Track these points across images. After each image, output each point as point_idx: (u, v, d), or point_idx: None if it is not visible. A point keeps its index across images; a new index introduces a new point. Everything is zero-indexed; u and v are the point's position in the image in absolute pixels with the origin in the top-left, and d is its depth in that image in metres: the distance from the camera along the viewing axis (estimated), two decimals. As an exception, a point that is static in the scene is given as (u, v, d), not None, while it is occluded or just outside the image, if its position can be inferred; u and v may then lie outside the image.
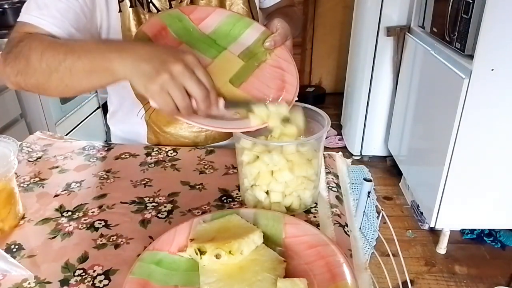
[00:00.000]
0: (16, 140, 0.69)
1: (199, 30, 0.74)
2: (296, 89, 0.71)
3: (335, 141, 2.95)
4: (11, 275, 0.57)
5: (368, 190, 0.85)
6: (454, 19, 1.67)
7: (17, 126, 2.17)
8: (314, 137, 0.66)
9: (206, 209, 0.71)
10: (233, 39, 0.75)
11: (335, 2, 3.36)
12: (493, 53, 1.51)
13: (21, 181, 0.80)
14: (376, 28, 2.32)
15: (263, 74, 0.72)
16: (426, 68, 2.00)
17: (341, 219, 0.70)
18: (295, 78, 0.72)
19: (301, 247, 0.58)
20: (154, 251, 0.57)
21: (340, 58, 3.49)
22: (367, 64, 2.42)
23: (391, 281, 0.71)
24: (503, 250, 1.92)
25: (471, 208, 1.81)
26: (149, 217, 0.69)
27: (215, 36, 0.75)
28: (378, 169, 2.61)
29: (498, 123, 1.62)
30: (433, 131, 1.89)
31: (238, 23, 0.76)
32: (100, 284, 0.56)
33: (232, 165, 0.84)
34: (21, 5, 0.88)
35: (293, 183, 0.66)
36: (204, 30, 0.75)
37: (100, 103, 2.86)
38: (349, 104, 2.79)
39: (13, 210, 0.67)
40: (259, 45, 0.75)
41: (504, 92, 1.57)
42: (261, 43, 0.75)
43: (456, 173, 1.73)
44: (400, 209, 2.23)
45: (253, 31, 0.76)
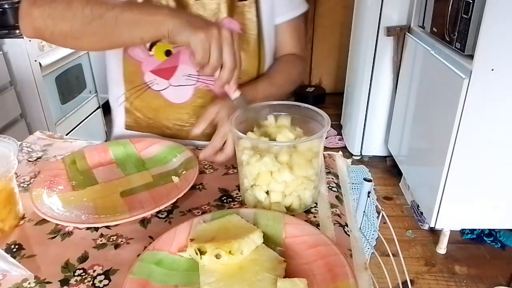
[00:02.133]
0: (16, 140, 0.69)
1: (137, 155, 0.86)
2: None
3: (335, 141, 2.95)
4: (11, 275, 0.57)
5: (368, 190, 0.85)
6: (454, 19, 1.67)
7: (17, 126, 2.17)
8: (314, 137, 0.66)
9: (206, 209, 0.71)
10: (161, 163, 0.83)
11: (335, 2, 3.36)
12: (493, 53, 1.51)
13: (21, 181, 0.80)
14: (376, 28, 2.32)
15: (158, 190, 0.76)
16: (426, 68, 2.00)
17: (341, 219, 0.69)
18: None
19: (301, 247, 0.58)
20: (154, 251, 0.57)
21: (340, 58, 3.49)
22: (367, 64, 2.42)
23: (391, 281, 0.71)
24: (503, 250, 1.92)
25: (471, 208, 1.82)
26: (149, 217, 0.69)
27: (147, 161, 0.84)
28: (378, 169, 2.61)
29: (498, 123, 1.62)
30: (433, 131, 1.89)
31: (172, 151, 0.85)
32: (100, 284, 0.56)
33: (232, 165, 0.84)
34: None
35: (293, 183, 0.66)
36: (144, 156, 0.86)
37: (100, 103, 2.86)
38: (349, 104, 2.79)
39: (13, 210, 0.67)
40: (179, 168, 0.80)
41: (504, 92, 1.57)
42: (182, 166, 0.80)
43: (456, 173, 1.73)
44: (400, 209, 2.23)
45: (181, 157, 0.83)
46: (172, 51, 0.86)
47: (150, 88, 0.90)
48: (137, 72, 0.90)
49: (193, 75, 0.87)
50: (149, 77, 0.89)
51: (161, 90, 0.90)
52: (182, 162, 0.81)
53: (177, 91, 0.89)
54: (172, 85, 0.89)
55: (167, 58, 0.87)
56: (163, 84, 0.89)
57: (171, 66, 0.87)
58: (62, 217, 0.67)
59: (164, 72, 0.88)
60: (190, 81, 0.88)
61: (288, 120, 0.73)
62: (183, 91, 0.89)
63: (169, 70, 0.88)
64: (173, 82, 0.89)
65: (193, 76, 0.87)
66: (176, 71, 0.87)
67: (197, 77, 0.87)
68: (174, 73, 0.88)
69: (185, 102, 0.90)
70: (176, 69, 0.87)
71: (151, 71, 0.88)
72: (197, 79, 0.88)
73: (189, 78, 0.88)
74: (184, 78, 0.88)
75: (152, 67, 0.88)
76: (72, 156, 0.84)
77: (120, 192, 0.75)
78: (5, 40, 2.08)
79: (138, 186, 0.77)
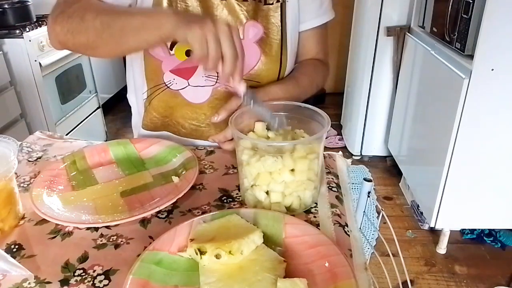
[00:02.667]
0: (16, 140, 0.69)
1: (137, 154, 0.87)
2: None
3: (335, 141, 2.95)
4: (11, 275, 0.57)
5: (368, 190, 0.85)
6: (454, 19, 1.67)
7: (17, 126, 2.17)
8: (314, 137, 0.66)
9: (206, 209, 0.71)
10: (161, 163, 0.83)
11: (335, 2, 3.34)
12: (493, 53, 1.51)
13: (21, 181, 0.80)
14: (376, 28, 2.32)
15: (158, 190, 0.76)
16: (426, 68, 2.00)
17: (341, 219, 0.69)
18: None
19: (301, 247, 0.58)
20: (154, 251, 0.57)
21: (340, 58, 3.49)
22: (367, 64, 2.42)
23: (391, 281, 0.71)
24: (503, 250, 1.92)
25: (471, 208, 1.81)
26: (149, 217, 0.69)
27: (147, 161, 0.85)
28: (378, 169, 2.61)
29: (498, 123, 1.62)
30: (433, 131, 1.89)
31: (172, 151, 0.85)
32: (100, 284, 0.56)
33: (232, 165, 0.84)
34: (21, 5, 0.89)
35: (293, 183, 0.66)
36: (144, 156, 0.86)
37: (100, 103, 2.86)
38: (349, 104, 2.79)
39: (13, 210, 0.67)
40: (179, 168, 0.81)
41: (504, 92, 1.57)
42: (182, 166, 0.80)
43: (456, 173, 1.73)
44: (400, 209, 2.23)
45: (181, 157, 0.83)
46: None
47: (169, 88, 0.91)
48: (158, 71, 0.90)
49: (212, 75, 0.88)
50: (168, 77, 0.90)
51: (179, 90, 0.90)
52: (182, 162, 0.81)
53: (196, 91, 0.90)
54: (191, 85, 0.89)
55: (187, 58, 0.87)
56: (182, 83, 0.89)
57: (191, 66, 0.87)
58: (62, 217, 0.67)
59: (184, 72, 0.88)
60: (209, 82, 0.88)
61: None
62: (201, 91, 0.89)
63: (189, 70, 0.88)
64: (192, 82, 0.89)
65: (212, 76, 0.88)
66: (196, 71, 0.88)
67: (217, 77, 0.88)
68: (193, 73, 0.88)
69: (203, 103, 0.91)
70: (196, 69, 0.88)
71: (171, 70, 0.89)
72: (216, 80, 0.88)
73: (208, 79, 0.88)
74: (203, 79, 0.88)
75: (172, 66, 0.88)
76: (72, 156, 0.84)
77: (120, 192, 0.75)
78: (5, 40, 2.08)
79: (138, 186, 0.77)
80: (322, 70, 1.00)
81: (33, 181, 0.76)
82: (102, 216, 0.68)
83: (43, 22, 2.28)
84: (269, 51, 0.89)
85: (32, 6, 2.28)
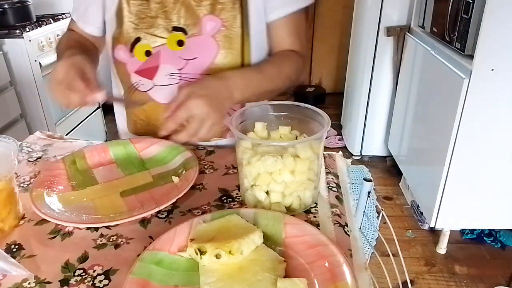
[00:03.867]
0: (16, 140, 0.69)
1: (137, 154, 0.87)
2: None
3: (335, 141, 2.95)
4: (11, 275, 0.57)
5: (368, 190, 0.85)
6: (454, 19, 1.67)
7: (17, 126, 2.17)
8: (314, 137, 0.66)
9: (206, 209, 0.71)
10: (161, 163, 0.83)
11: (335, 2, 3.36)
12: (493, 53, 1.51)
13: (21, 181, 0.80)
14: (376, 28, 2.32)
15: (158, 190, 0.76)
16: (426, 68, 2.00)
17: (341, 219, 0.69)
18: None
19: (301, 247, 0.58)
20: (154, 251, 0.57)
21: (340, 58, 3.49)
22: (367, 64, 2.42)
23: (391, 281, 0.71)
24: (503, 250, 1.92)
25: (471, 208, 1.81)
26: (149, 217, 0.69)
27: (147, 161, 0.85)
28: (378, 169, 2.61)
29: (498, 123, 1.62)
30: (433, 131, 1.89)
31: (172, 151, 0.85)
32: (100, 284, 0.56)
33: (232, 165, 0.84)
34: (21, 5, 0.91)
35: (293, 183, 0.66)
36: (144, 156, 0.86)
37: (100, 103, 2.86)
38: (349, 104, 2.79)
39: (13, 210, 0.67)
40: (179, 168, 0.80)
41: (504, 92, 1.57)
42: (182, 166, 0.80)
43: (456, 173, 1.73)
44: (400, 209, 2.23)
45: (181, 157, 0.83)
46: (151, 51, 0.87)
47: (138, 90, 0.92)
48: (125, 74, 0.91)
49: (175, 73, 0.88)
50: (134, 79, 0.91)
51: (147, 91, 0.91)
52: (182, 162, 0.81)
53: (162, 91, 0.90)
54: (157, 85, 0.90)
55: (148, 58, 0.87)
56: (148, 84, 0.90)
57: (153, 66, 0.88)
58: (62, 217, 0.67)
59: (147, 72, 0.89)
60: (173, 80, 0.88)
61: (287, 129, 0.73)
62: (168, 90, 0.89)
63: (151, 70, 0.88)
64: (156, 82, 0.89)
65: (175, 74, 0.88)
66: (158, 70, 0.88)
67: (179, 75, 0.88)
68: (156, 73, 0.88)
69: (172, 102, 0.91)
70: (158, 68, 0.88)
71: (136, 72, 0.89)
72: (179, 77, 0.88)
73: (172, 77, 0.88)
74: (167, 78, 0.88)
75: (135, 67, 0.89)
76: (72, 156, 0.84)
77: (120, 192, 0.75)
78: (5, 40, 2.08)
79: (138, 186, 0.77)
80: (295, 61, 0.91)
81: (33, 181, 0.76)
82: (102, 216, 0.68)
83: (43, 22, 2.28)
84: (229, 45, 0.86)
85: (32, 6, 2.28)
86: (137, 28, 0.86)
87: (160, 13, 0.85)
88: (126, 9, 0.86)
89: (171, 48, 0.86)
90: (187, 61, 0.86)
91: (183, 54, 0.86)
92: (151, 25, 0.86)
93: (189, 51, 0.86)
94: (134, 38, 0.86)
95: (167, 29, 0.86)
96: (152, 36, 0.86)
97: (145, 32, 0.86)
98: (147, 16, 0.86)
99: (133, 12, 0.86)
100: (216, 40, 0.85)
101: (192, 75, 0.87)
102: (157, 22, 0.86)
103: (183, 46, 0.86)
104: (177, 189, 0.73)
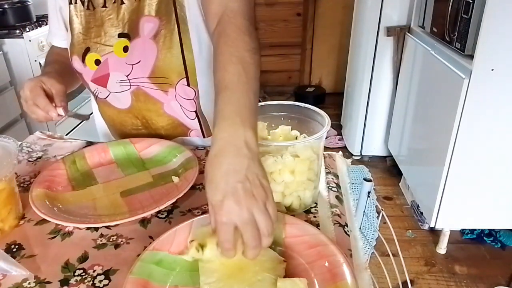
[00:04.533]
0: (16, 140, 0.69)
1: (137, 154, 0.87)
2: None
3: (335, 141, 2.95)
4: (11, 275, 0.57)
5: (368, 190, 0.85)
6: (454, 19, 1.67)
7: (17, 126, 2.17)
8: (314, 137, 0.66)
9: (206, 209, 0.71)
10: (161, 163, 0.84)
11: (335, 2, 3.36)
12: (493, 53, 1.51)
13: (21, 181, 0.80)
14: (376, 28, 2.32)
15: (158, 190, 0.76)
16: (426, 68, 2.00)
17: (341, 219, 0.69)
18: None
19: (301, 247, 0.58)
20: (154, 251, 0.57)
21: (340, 58, 3.49)
22: (367, 64, 2.42)
23: (391, 281, 0.71)
24: (503, 250, 1.92)
25: (471, 208, 1.81)
26: (149, 217, 0.69)
27: (147, 161, 0.86)
28: (378, 169, 2.61)
29: (498, 123, 1.62)
30: (433, 131, 1.89)
31: (172, 151, 0.86)
32: (100, 284, 0.56)
33: (232, 165, 0.84)
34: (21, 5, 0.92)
35: (293, 183, 0.66)
36: (144, 156, 0.87)
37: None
38: (349, 104, 2.79)
39: (13, 210, 0.67)
40: (179, 168, 0.81)
41: (504, 92, 1.57)
42: (182, 166, 0.81)
43: (456, 173, 1.73)
44: (400, 209, 2.23)
45: (181, 157, 0.83)
46: (100, 59, 0.87)
47: (98, 97, 0.94)
48: (85, 82, 0.93)
49: (124, 80, 0.88)
50: (92, 87, 0.92)
51: (105, 98, 0.92)
52: (182, 162, 0.81)
53: (118, 97, 0.91)
54: (112, 92, 0.91)
55: (98, 67, 0.88)
56: (104, 92, 0.91)
57: (104, 74, 0.88)
58: (62, 217, 0.67)
59: (100, 81, 0.90)
60: (124, 87, 0.89)
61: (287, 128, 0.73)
62: (122, 97, 0.91)
63: (103, 78, 0.89)
64: (111, 89, 0.90)
65: (124, 81, 0.88)
66: (109, 78, 0.89)
67: (128, 81, 0.88)
68: (108, 81, 0.89)
69: (129, 108, 0.92)
70: (109, 76, 0.88)
71: (91, 80, 0.90)
72: (129, 83, 0.88)
73: (122, 84, 0.88)
74: (118, 85, 0.89)
75: (90, 77, 0.90)
76: (72, 156, 0.84)
77: (120, 192, 0.75)
78: (5, 40, 2.08)
79: (138, 186, 0.77)
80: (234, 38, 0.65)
81: (33, 181, 0.76)
82: (102, 216, 0.68)
83: (43, 22, 2.28)
84: (169, 43, 0.83)
85: (32, 6, 2.28)
86: (86, 38, 0.87)
87: (106, 21, 0.86)
88: (75, 21, 0.88)
89: (118, 55, 0.86)
90: (132, 66, 0.86)
91: (128, 59, 0.86)
92: (98, 34, 0.86)
93: (133, 55, 0.85)
94: (84, 49, 0.87)
95: (113, 36, 0.86)
96: (100, 45, 0.86)
97: (93, 41, 0.87)
98: (94, 25, 0.86)
99: (82, 23, 0.87)
100: (155, 41, 0.83)
101: (139, 79, 0.87)
102: (104, 30, 0.86)
103: (127, 52, 0.86)
104: (177, 189, 0.73)
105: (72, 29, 0.88)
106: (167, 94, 0.88)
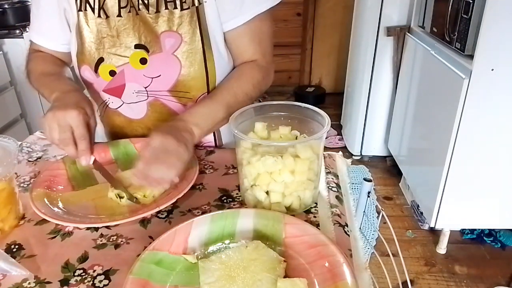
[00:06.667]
0: (16, 140, 0.69)
1: (137, 154, 0.85)
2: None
3: (335, 141, 2.95)
4: (11, 275, 0.57)
5: (368, 190, 0.85)
6: (454, 19, 1.67)
7: (17, 126, 2.17)
8: (314, 137, 0.66)
9: (206, 209, 0.71)
10: None
11: (335, 2, 3.36)
12: (493, 53, 1.51)
13: (21, 181, 0.80)
14: (376, 28, 2.32)
15: None
16: (426, 68, 2.00)
17: (341, 219, 0.69)
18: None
19: (301, 247, 0.58)
20: (154, 251, 0.57)
21: (340, 58, 3.49)
22: (367, 64, 2.42)
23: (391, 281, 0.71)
24: (503, 250, 1.92)
25: (471, 208, 1.81)
26: (149, 217, 0.69)
27: None
28: (378, 169, 2.61)
29: (498, 123, 1.62)
30: (433, 131, 1.89)
31: None
32: (100, 284, 0.56)
33: (232, 165, 0.84)
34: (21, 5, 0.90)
35: (293, 183, 0.66)
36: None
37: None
38: (349, 104, 2.79)
39: (13, 210, 0.67)
40: None
41: (504, 92, 1.57)
42: None
43: (456, 173, 1.73)
44: (400, 209, 2.23)
45: None
46: (116, 70, 0.85)
47: (108, 107, 0.92)
48: (94, 92, 0.91)
49: (141, 91, 0.87)
50: (104, 96, 0.91)
51: (117, 108, 0.91)
52: None
53: (132, 107, 0.90)
54: (126, 103, 0.89)
55: (113, 77, 0.86)
56: (117, 102, 0.90)
57: (119, 85, 0.87)
58: (62, 217, 0.67)
59: (114, 91, 0.88)
60: (141, 97, 0.88)
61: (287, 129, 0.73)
62: (137, 107, 0.89)
63: (118, 89, 0.88)
64: (125, 99, 0.89)
65: (141, 92, 0.87)
66: (125, 89, 0.87)
67: (146, 92, 0.87)
68: (123, 91, 0.88)
69: (143, 118, 0.91)
70: (124, 87, 0.87)
71: (103, 90, 0.89)
72: (146, 94, 0.87)
73: (140, 94, 0.87)
74: (135, 95, 0.88)
75: (102, 87, 0.88)
76: None
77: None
78: (5, 40, 2.08)
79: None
80: (250, 77, 0.86)
81: (33, 181, 0.76)
82: (102, 216, 0.68)
83: (43, 22, 2.28)
84: (192, 60, 0.84)
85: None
86: (99, 48, 0.84)
87: (121, 31, 0.83)
88: (86, 29, 0.84)
89: (134, 67, 0.84)
90: (152, 79, 0.85)
91: (147, 72, 0.84)
92: (112, 44, 0.84)
93: (153, 69, 0.84)
94: (97, 59, 0.85)
95: (129, 47, 0.83)
96: (115, 56, 0.84)
97: (107, 52, 0.84)
98: (108, 35, 0.83)
99: (93, 31, 0.84)
100: (178, 56, 0.83)
101: (159, 91, 0.86)
102: (119, 41, 0.83)
103: (146, 64, 0.84)
104: (177, 189, 0.73)
105: (82, 37, 0.85)
106: (185, 107, 0.88)
